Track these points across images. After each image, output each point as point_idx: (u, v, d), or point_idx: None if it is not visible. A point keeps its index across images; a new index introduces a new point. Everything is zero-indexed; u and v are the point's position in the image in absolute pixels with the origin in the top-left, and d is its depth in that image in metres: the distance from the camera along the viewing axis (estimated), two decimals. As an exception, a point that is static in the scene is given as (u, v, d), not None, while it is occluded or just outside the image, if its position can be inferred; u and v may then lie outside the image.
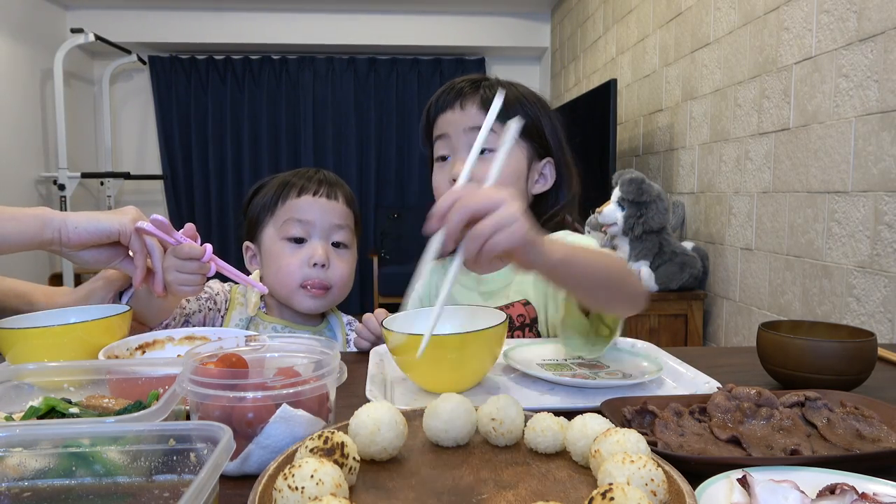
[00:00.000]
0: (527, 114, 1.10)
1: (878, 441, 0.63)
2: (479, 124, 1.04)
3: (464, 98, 1.09)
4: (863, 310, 1.75)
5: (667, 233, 2.57)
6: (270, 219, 1.17)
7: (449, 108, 1.11)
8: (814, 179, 1.94)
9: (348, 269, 1.17)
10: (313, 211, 1.14)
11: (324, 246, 1.14)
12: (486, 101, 1.07)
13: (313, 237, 1.14)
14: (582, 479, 0.54)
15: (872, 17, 1.69)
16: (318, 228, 1.14)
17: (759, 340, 0.87)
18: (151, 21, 5.14)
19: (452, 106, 1.10)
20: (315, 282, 1.13)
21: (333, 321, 1.25)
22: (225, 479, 0.56)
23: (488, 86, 1.11)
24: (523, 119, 1.04)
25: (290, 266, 1.12)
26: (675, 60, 2.93)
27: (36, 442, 0.48)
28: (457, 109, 1.09)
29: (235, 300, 1.20)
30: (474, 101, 1.09)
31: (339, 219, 1.16)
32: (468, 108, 1.08)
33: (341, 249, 1.17)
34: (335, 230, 1.16)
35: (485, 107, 1.06)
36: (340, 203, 1.17)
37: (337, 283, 1.15)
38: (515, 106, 1.09)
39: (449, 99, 1.11)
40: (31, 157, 4.63)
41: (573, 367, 0.89)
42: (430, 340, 0.77)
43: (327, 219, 1.14)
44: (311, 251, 1.13)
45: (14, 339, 0.80)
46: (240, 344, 0.68)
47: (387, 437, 0.56)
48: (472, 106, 1.08)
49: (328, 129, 5.60)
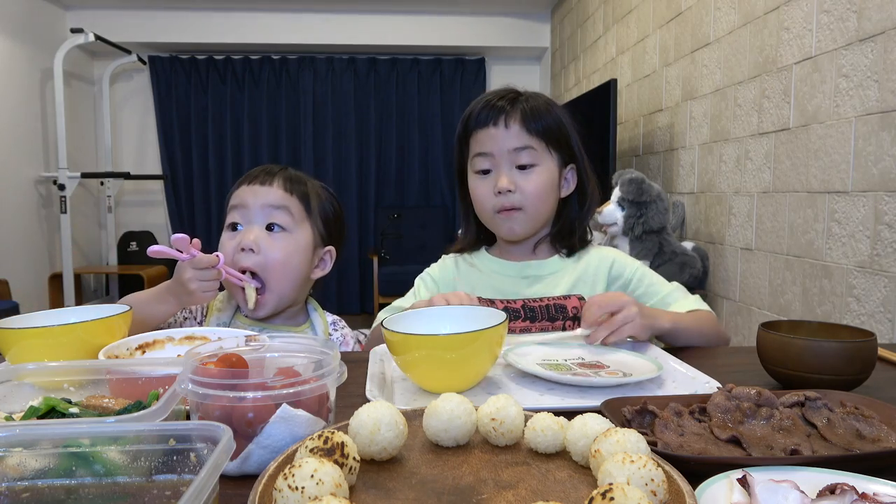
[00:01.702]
0: (557, 123, 1.17)
1: (878, 441, 0.63)
2: (523, 144, 1.15)
3: (507, 116, 1.15)
4: (863, 310, 1.75)
5: (667, 233, 2.57)
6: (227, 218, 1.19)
7: (491, 125, 1.16)
8: (814, 179, 1.94)
9: (283, 252, 1.13)
10: (246, 196, 1.15)
11: (256, 230, 1.13)
12: (526, 117, 1.15)
13: (251, 223, 1.14)
14: (582, 479, 0.54)
15: (872, 17, 1.69)
16: (252, 212, 1.14)
17: (759, 340, 0.87)
18: (151, 21, 5.14)
19: (496, 123, 1.16)
20: (246, 267, 1.11)
21: (316, 321, 1.24)
22: (225, 479, 0.56)
23: (524, 99, 1.17)
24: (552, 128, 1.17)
25: (226, 255, 1.10)
26: (675, 60, 2.93)
27: (36, 442, 0.48)
28: (500, 127, 1.15)
29: (213, 306, 1.20)
30: (515, 118, 1.15)
31: (273, 200, 1.14)
32: (511, 127, 1.15)
33: (277, 232, 1.14)
34: (269, 211, 1.14)
35: (525, 123, 1.15)
36: (275, 187, 1.16)
37: (270, 266, 1.12)
38: (546, 115, 1.16)
39: (491, 116, 1.16)
40: (31, 157, 4.64)
41: (573, 366, 0.89)
42: (430, 340, 0.77)
43: (258, 201, 1.14)
44: (242, 236, 1.13)
45: (14, 339, 0.80)
46: (240, 344, 0.68)
47: (387, 437, 0.56)
48: (515, 124, 1.15)
49: (328, 130, 5.60)
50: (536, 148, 1.15)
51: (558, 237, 1.24)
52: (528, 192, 1.15)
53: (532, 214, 1.17)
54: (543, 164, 1.16)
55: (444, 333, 0.80)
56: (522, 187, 1.15)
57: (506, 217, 1.17)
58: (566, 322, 1.15)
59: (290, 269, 1.14)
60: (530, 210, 1.17)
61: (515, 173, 1.15)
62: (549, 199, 1.19)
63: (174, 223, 5.62)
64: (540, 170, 1.16)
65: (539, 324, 1.14)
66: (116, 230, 5.37)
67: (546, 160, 1.17)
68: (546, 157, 1.17)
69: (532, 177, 1.15)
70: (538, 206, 1.17)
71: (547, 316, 1.15)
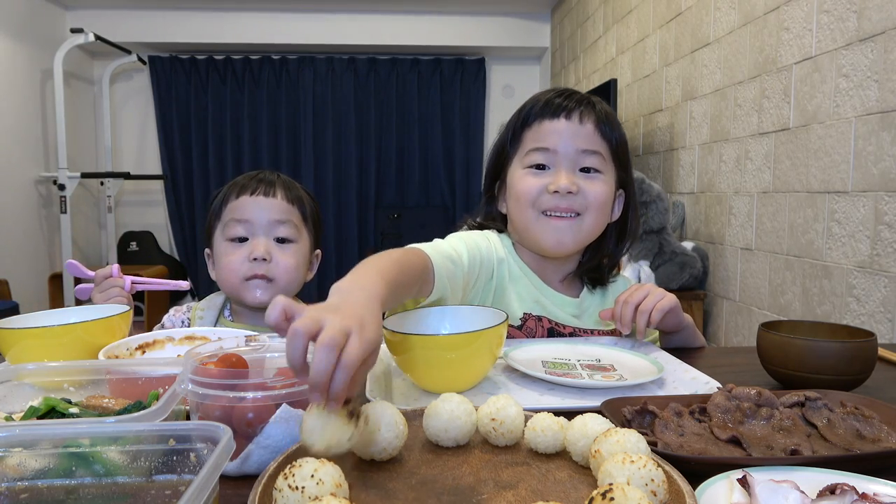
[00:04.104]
0: (623, 139, 1.08)
1: (878, 441, 0.63)
2: (594, 147, 1.03)
3: (583, 112, 1.04)
4: (863, 310, 1.75)
5: (667, 233, 2.57)
6: (218, 222, 1.18)
7: (563, 117, 1.04)
8: (814, 179, 1.94)
9: (293, 261, 1.16)
10: (251, 210, 1.14)
11: (265, 242, 1.14)
12: (601, 119, 1.04)
13: (256, 235, 1.14)
14: (582, 479, 0.54)
15: (872, 17, 1.69)
16: (258, 226, 1.14)
17: (759, 340, 0.87)
18: (151, 21, 5.14)
19: (568, 116, 1.03)
20: (258, 274, 1.13)
21: None
22: (225, 479, 0.56)
23: (598, 102, 1.07)
24: (621, 142, 1.08)
25: (233, 263, 1.12)
26: (675, 60, 2.93)
27: (36, 442, 0.48)
28: (574, 121, 1.03)
29: (196, 317, 1.20)
30: (591, 116, 1.04)
31: (279, 214, 1.15)
32: (586, 124, 1.03)
33: (285, 244, 1.16)
34: (275, 226, 1.15)
35: (600, 125, 1.04)
36: (279, 199, 1.16)
37: (281, 275, 1.14)
38: (617, 126, 1.07)
39: (563, 108, 1.04)
40: (31, 157, 4.63)
41: (574, 367, 0.89)
42: (430, 340, 0.77)
43: (265, 215, 1.14)
44: (252, 247, 1.13)
45: (14, 339, 0.80)
46: (240, 344, 0.68)
47: (387, 437, 0.56)
48: (590, 122, 1.04)
49: (328, 129, 5.60)
50: (604, 156, 1.04)
51: (587, 270, 1.14)
52: (590, 197, 1.03)
53: (588, 225, 1.05)
54: (607, 175, 1.05)
55: (444, 333, 0.80)
56: (585, 191, 1.02)
57: (557, 222, 1.03)
58: None
59: (298, 275, 1.17)
60: (588, 219, 1.04)
61: (578, 175, 1.03)
62: (605, 215, 1.07)
63: (174, 223, 5.61)
64: (604, 179, 1.05)
65: None
66: (116, 230, 5.36)
67: (609, 173, 1.06)
68: (610, 170, 1.06)
69: (597, 183, 1.04)
70: (596, 217, 1.05)
71: None
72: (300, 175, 5.50)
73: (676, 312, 1.01)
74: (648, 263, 2.55)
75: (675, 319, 1.02)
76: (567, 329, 1.08)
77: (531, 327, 1.07)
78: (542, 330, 1.07)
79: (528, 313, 1.07)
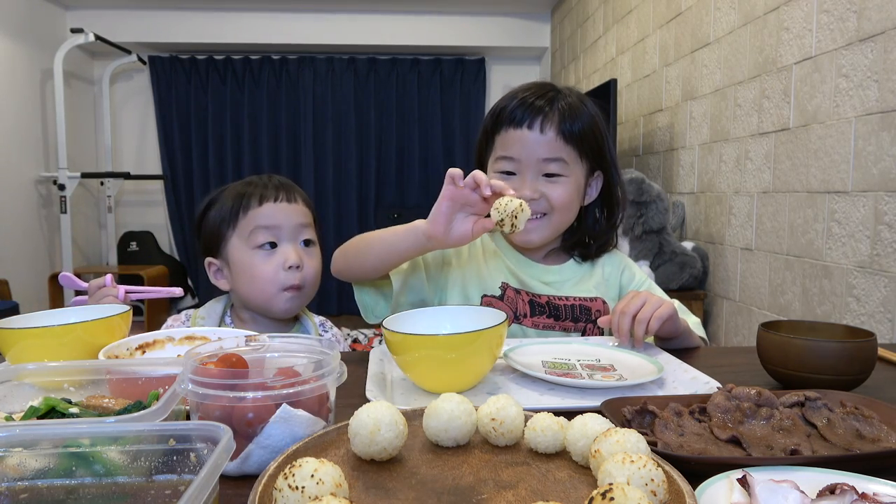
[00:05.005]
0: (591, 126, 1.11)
1: (878, 441, 0.63)
2: (554, 156, 1.09)
3: (544, 119, 1.08)
4: (863, 310, 1.75)
5: (667, 233, 2.57)
6: (233, 231, 1.17)
7: (525, 127, 1.08)
8: (814, 179, 1.94)
9: (317, 265, 1.21)
10: (278, 216, 1.16)
11: (295, 248, 1.16)
12: (563, 118, 1.08)
13: (283, 241, 1.16)
14: (582, 479, 0.54)
15: (872, 17, 1.69)
16: (286, 231, 1.16)
17: (759, 340, 0.87)
18: (151, 21, 5.14)
19: (530, 125, 1.08)
20: (294, 285, 1.16)
21: (306, 323, 1.26)
22: (225, 479, 0.56)
23: (562, 98, 1.10)
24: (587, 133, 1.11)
25: (267, 273, 1.14)
26: (675, 60, 2.93)
27: (36, 442, 0.48)
28: (535, 131, 1.08)
29: (195, 325, 1.21)
30: (552, 122, 1.08)
31: (303, 218, 1.19)
32: (547, 132, 1.08)
33: (310, 247, 1.20)
34: (301, 230, 1.18)
35: (562, 127, 1.07)
36: (300, 204, 1.20)
37: (310, 281, 1.18)
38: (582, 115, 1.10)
39: (526, 116, 1.08)
40: (31, 157, 4.63)
41: (573, 367, 0.89)
42: (430, 340, 0.77)
43: (292, 220, 1.17)
44: (285, 255, 1.15)
45: (14, 339, 0.80)
46: (240, 344, 0.68)
47: (387, 437, 0.56)
48: (551, 129, 1.08)
49: (328, 129, 5.60)
50: (567, 160, 1.10)
51: (573, 246, 1.21)
52: (553, 200, 1.10)
53: (554, 223, 1.13)
54: (572, 175, 1.11)
55: (444, 333, 0.80)
56: (548, 195, 1.10)
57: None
58: (587, 325, 1.14)
59: (319, 279, 1.22)
60: (554, 218, 1.12)
61: (541, 181, 1.10)
62: (573, 210, 1.15)
63: (174, 223, 5.62)
64: (567, 181, 1.11)
65: (563, 323, 1.14)
66: (116, 230, 5.36)
67: (575, 171, 1.12)
68: (576, 168, 1.12)
69: (559, 186, 1.10)
70: (562, 214, 1.13)
71: (571, 316, 1.14)
72: (300, 175, 5.50)
73: (674, 319, 1.01)
74: (648, 263, 2.55)
75: (672, 326, 1.02)
76: (542, 298, 1.14)
77: (511, 297, 1.14)
78: (523, 303, 1.14)
79: (505, 283, 1.15)
